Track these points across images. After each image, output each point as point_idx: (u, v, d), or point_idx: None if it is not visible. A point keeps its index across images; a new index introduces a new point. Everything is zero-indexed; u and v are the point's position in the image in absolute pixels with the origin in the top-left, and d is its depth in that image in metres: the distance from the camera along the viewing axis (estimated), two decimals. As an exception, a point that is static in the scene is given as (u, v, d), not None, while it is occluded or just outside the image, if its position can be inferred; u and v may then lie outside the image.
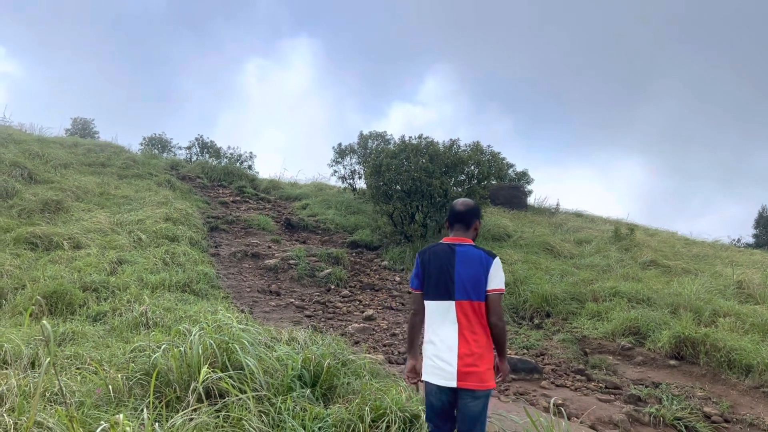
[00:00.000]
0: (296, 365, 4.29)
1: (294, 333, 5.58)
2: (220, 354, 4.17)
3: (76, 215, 11.45)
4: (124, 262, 9.02)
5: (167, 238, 10.68)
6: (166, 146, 23.35)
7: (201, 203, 15.19)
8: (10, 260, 8.56)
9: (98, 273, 8.23)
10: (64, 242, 9.63)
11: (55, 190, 12.82)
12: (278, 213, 16.39)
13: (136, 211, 12.18)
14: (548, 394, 6.28)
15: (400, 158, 13.33)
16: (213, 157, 22.04)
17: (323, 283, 10.77)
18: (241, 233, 13.46)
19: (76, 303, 7.16)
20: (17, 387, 4.04)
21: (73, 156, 16.73)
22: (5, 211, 11.27)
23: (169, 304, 7.27)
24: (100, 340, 5.94)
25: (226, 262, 11.09)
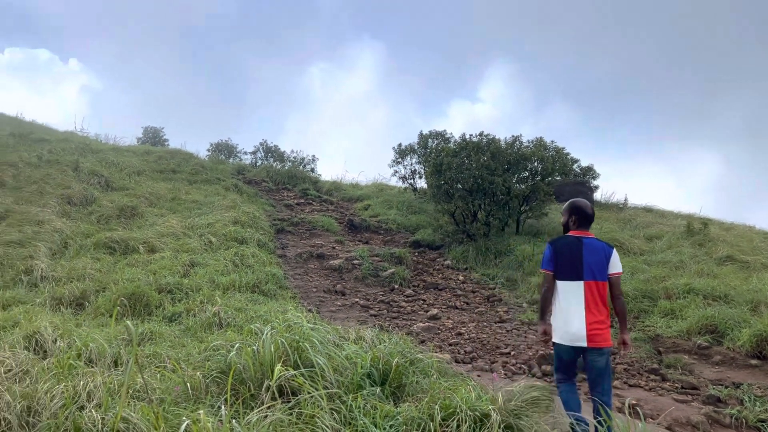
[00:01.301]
0: (365, 364, 4.34)
1: (361, 332, 5.64)
2: (292, 352, 4.27)
3: (150, 220, 11.97)
4: (196, 264, 9.36)
5: (236, 240, 11.01)
6: (232, 152, 24.03)
7: (267, 206, 15.56)
8: (91, 264, 9.03)
9: (172, 275, 8.57)
10: (139, 246, 10.08)
11: (130, 196, 13.44)
12: (341, 214, 16.60)
13: (206, 215, 12.61)
14: (621, 395, 6.11)
15: (461, 157, 13.25)
16: (277, 161, 22.51)
17: (387, 283, 10.84)
18: (306, 235, 13.71)
19: (153, 304, 7.48)
20: (103, 384, 4.27)
21: (145, 163, 17.48)
22: (85, 218, 11.90)
23: (239, 304, 7.50)
24: (176, 339, 6.19)
25: (293, 262, 11.33)
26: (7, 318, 6.12)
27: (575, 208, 4.45)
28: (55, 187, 13.16)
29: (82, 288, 7.79)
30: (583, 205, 4.46)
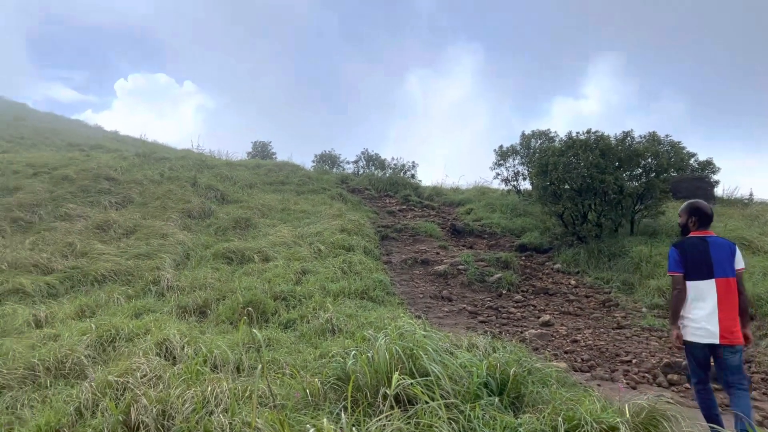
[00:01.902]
0: (481, 372, 4.26)
1: (473, 339, 5.56)
2: (406, 360, 4.27)
3: (263, 230, 12.49)
4: (308, 272, 9.64)
5: (343, 248, 11.24)
6: (335, 162, 24.70)
7: (370, 213, 15.80)
8: (211, 274, 9.53)
9: (286, 283, 8.87)
10: (254, 256, 10.53)
11: (244, 208, 14.11)
12: (443, 219, 16.53)
13: (314, 224, 12.99)
14: (760, 406, 5.61)
15: (567, 156, 12.78)
16: (378, 169, 22.87)
17: (494, 288, 10.64)
18: (409, 241, 13.77)
19: (269, 311, 7.77)
20: (228, 390, 4.47)
21: (256, 176, 18.31)
22: (204, 230, 12.62)
23: (350, 310, 7.63)
24: (292, 345, 6.39)
25: (398, 269, 11.40)
26: (139, 326, 6.58)
27: (694, 209, 4.57)
28: (176, 202, 14.06)
29: (204, 297, 8.23)
30: (702, 206, 4.57)
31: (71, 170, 16.27)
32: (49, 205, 13.50)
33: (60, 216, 12.92)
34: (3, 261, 9.77)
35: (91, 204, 13.88)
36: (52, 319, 7.37)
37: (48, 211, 13.15)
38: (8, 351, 5.71)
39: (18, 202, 13.44)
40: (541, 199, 13.59)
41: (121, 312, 7.68)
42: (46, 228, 11.96)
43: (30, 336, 6.43)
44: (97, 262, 9.96)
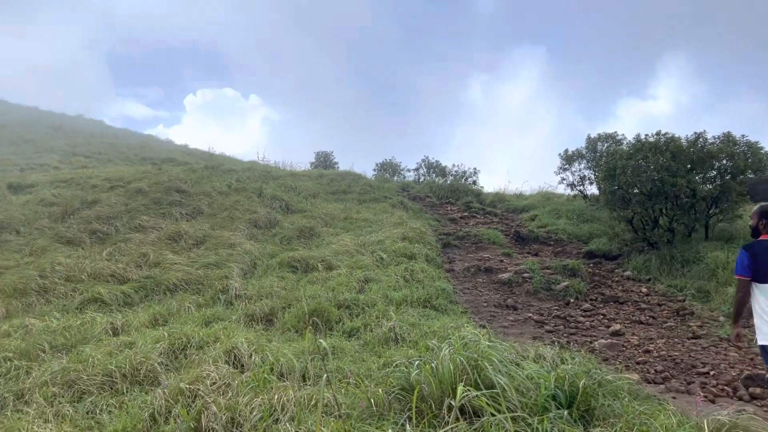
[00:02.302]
0: (549, 384, 4.15)
1: (540, 350, 5.43)
2: (471, 371, 4.22)
3: (326, 239, 12.66)
4: (370, 280, 9.69)
5: (405, 256, 11.24)
6: (396, 170, 24.80)
7: (432, 221, 15.75)
8: (277, 282, 9.72)
9: (349, 291, 8.94)
10: (318, 264, 10.68)
11: (308, 217, 14.35)
12: (506, 226, 16.28)
13: (376, 232, 13.07)
14: None
15: (636, 159, 12.35)
16: (439, 176, 22.80)
17: (561, 297, 10.38)
18: (472, 248, 13.63)
19: (333, 320, 7.84)
20: (294, 398, 4.54)
21: (319, 186, 18.60)
22: (270, 239, 12.91)
23: (413, 319, 7.61)
24: (356, 354, 6.43)
25: (461, 277, 11.30)
26: (209, 334, 6.77)
27: (765, 212, 4.72)
28: (243, 212, 14.46)
29: (270, 305, 8.40)
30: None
31: (144, 183, 17.01)
32: (124, 217, 14.14)
33: (134, 227, 13.51)
34: (83, 271, 10.29)
35: (163, 215, 14.45)
36: (127, 327, 7.68)
37: (123, 223, 13.77)
38: (88, 358, 5.99)
39: (96, 215, 14.15)
40: (608, 204, 13.19)
41: (191, 320, 7.93)
42: (121, 239, 12.53)
43: (107, 343, 6.73)
44: (169, 271, 10.33)
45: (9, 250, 12.30)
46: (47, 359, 6.33)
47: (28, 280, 9.76)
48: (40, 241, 12.59)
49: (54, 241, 12.66)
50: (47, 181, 19.51)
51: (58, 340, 6.99)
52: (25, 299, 9.27)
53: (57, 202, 15.86)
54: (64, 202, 15.61)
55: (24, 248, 12.34)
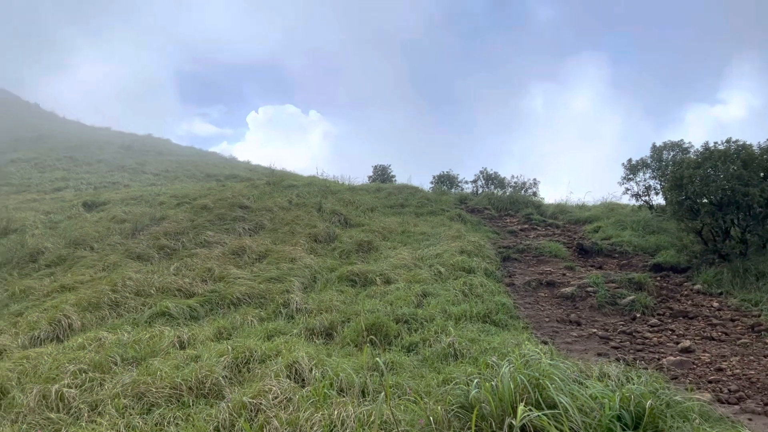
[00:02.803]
0: (613, 404, 4.02)
1: (605, 368, 5.28)
2: (532, 390, 4.14)
3: (384, 253, 12.72)
4: (428, 294, 9.66)
5: (464, 270, 11.15)
6: (453, 182, 24.67)
7: (491, 234, 15.57)
8: (336, 296, 9.84)
9: (407, 306, 8.94)
10: (376, 278, 10.74)
11: (366, 231, 14.46)
12: (568, 238, 15.91)
13: (433, 246, 13.03)
14: None
15: (704, 168, 11.86)
16: (497, 188, 22.54)
17: (626, 312, 10.04)
18: (533, 261, 13.39)
19: (392, 334, 7.85)
20: (354, 414, 4.57)
21: (377, 200, 18.73)
22: (329, 253, 13.08)
23: (472, 335, 7.53)
24: (415, 370, 6.42)
25: (522, 291, 11.11)
26: (271, 348, 6.91)
27: None
28: (303, 227, 14.72)
29: (330, 319, 8.50)
30: None
31: (209, 200, 17.58)
32: (190, 233, 14.65)
33: (200, 243, 13.97)
34: (152, 286, 10.71)
35: (227, 231, 14.88)
36: (193, 341, 7.93)
37: (189, 239, 14.26)
38: (156, 371, 6.22)
39: (164, 231, 14.72)
40: (676, 214, 12.70)
41: (254, 334, 8.11)
42: (188, 254, 12.97)
43: (175, 356, 6.97)
44: (233, 286, 10.62)
45: (84, 266, 12.95)
46: (119, 371, 6.61)
47: (101, 294, 10.23)
48: (112, 257, 13.19)
49: (125, 256, 13.24)
50: (119, 199, 20.46)
51: (129, 353, 7.29)
52: (99, 312, 9.72)
53: (128, 219, 16.59)
54: (134, 219, 16.32)
55: (97, 263, 12.95)
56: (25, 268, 13.60)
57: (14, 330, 9.24)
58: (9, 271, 13.37)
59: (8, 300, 11.45)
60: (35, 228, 17.26)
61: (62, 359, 7.05)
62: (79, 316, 9.39)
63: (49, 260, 13.87)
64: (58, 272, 12.98)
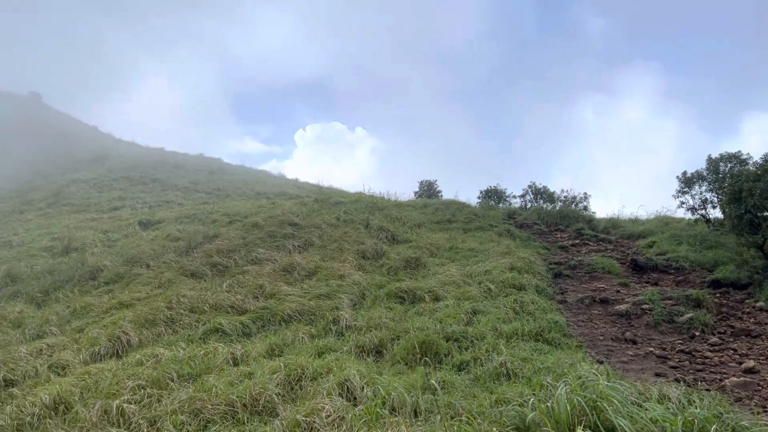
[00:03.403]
0: (676, 429, 3.89)
1: (664, 389, 5.11)
2: (590, 412, 4.05)
3: (432, 270, 12.68)
4: (478, 312, 9.57)
5: (514, 287, 11.01)
6: (501, 197, 24.43)
7: (541, 249, 15.33)
8: (385, 314, 9.84)
9: (457, 323, 8.87)
10: (425, 295, 10.71)
11: (413, 248, 14.46)
12: (621, 253, 15.52)
13: (482, 262, 12.92)
14: None
15: (765, 180, 11.43)
16: (547, 202, 22.20)
17: (685, 330, 9.70)
18: (585, 278, 13.11)
19: (442, 352, 7.80)
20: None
21: (424, 216, 18.72)
22: (377, 270, 13.12)
23: (524, 354, 7.41)
24: (466, 389, 6.35)
25: (574, 308, 10.88)
26: (322, 365, 6.96)
27: None
28: (351, 244, 14.82)
29: (379, 336, 8.51)
30: None
31: (260, 217, 17.91)
32: (242, 250, 14.94)
33: (251, 260, 14.23)
34: (205, 302, 10.96)
35: (277, 248, 15.12)
36: (246, 357, 8.06)
37: (241, 256, 14.55)
38: (211, 387, 6.35)
39: (217, 248, 15.06)
40: (735, 228, 12.25)
41: (305, 351, 8.19)
42: (239, 271, 13.23)
43: (229, 373, 7.10)
44: (284, 302, 10.76)
45: (140, 283, 13.35)
46: (175, 388, 6.78)
47: (157, 311, 10.52)
48: (166, 274, 13.57)
49: (179, 274, 13.60)
50: (173, 218, 21.06)
51: (185, 369, 7.46)
52: (155, 329, 9.99)
53: (182, 237, 17.05)
54: (188, 237, 16.76)
55: (153, 281, 13.34)
56: (85, 286, 14.11)
57: (76, 345, 9.59)
58: (71, 289, 13.90)
59: (70, 316, 11.89)
60: (94, 246, 17.93)
61: (121, 375, 7.28)
62: (136, 332, 9.68)
63: (108, 278, 14.36)
64: (116, 289, 13.42)
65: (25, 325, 11.51)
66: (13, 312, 12.48)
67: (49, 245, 19.39)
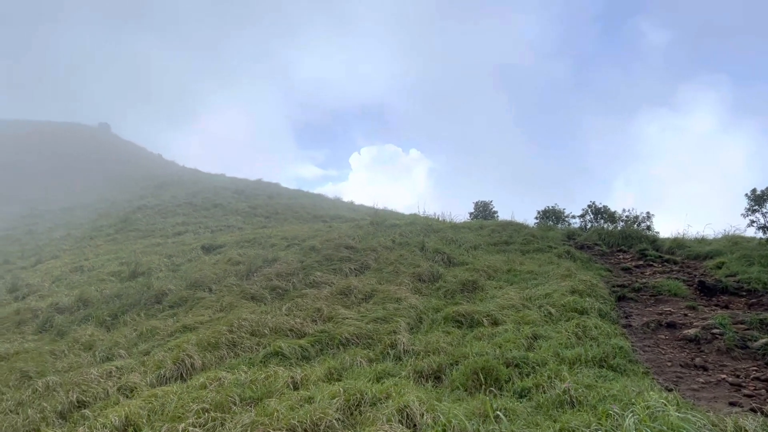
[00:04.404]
0: (755, 464, 3.69)
1: (740, 421, 4.86)
2: (660, 445, 3.89)
3: (490, 293, 12.51)
4: (539, 337, 9.37)
5: (576, 311, 10.73)
6: (559, 217, 24.01)
7: (603, 271, 14.92)
8: (443, 338, 9.77)
9: (517, 348, 8.71)
10: (483, 319, 10.57)
11: (470, 270, 14.32)
12: (688, 275, 14.91)
13: (542, 285, 12.66)
14: None
15: None
16: (607, 222, 21.66)
17: (760, 356, 9.20)
18: (650, 301, 12.65)
19: (502, 378, 7.66)
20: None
21: (480, 237, 18.55)
22: (434, 293, 13.05)
23: (588, 380, 7.19)
24: (529, 417, 6.21)
25: (640, 333, 10.51)
26: (381, 390, 6.96)
27: None
28: (407, 267, 14.82)
29: (438, 361, 8.44)
30: None
31: (317, 241, 18.16)
32: (300, 274, 15.17)
33: (309, 283, 14.42)
34: (265, 326, 11.15)
35: (334, 271, 15.27)
36: (306, 381, 8.14)
37: (299, 279, 14.77)
38: (273, 411, 6.44)
39: (276, 272, 15.34)
40: (812, 248, 11.62)
41: (363, 375, 8.20)
42: (298, 295, 13.42)
43: (289, 397, 7.18)
44: (342, 326, 10.83)
45: (203, 306, 13.73)
46: (238, 411, 6.90)
47: (219, 334, 10.77)
48: (228, 298, 13.90)
49: (240, 297, 13.91)
50: (233, 242, 21.62)
51: (247, 393, 7.59)
52: (218, 352, 10.23)
53: (242, 261, 17.46)
54: (248, 261, 17.15)
55: (215, 304, 13.69)
56: (151, 309, 14.61)
57: (143, 368, 9.92)
58: (137, 312, 14.42)
59: (137, 339, 12.32)
60: (160, 271, 18.58)
61: (186, 398, 7.47)
62: (200, 355, 9.93)
63: (172, 301, 14.83)
64: (180, 313, 13.84)
65: (95, 348, 12.00)
66: (84, 335, 13.03)
67: (117, 270, 20.21)
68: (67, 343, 12.71)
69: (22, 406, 9.14)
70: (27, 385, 10.15)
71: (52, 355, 11.99)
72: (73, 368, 10.82)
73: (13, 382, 10.59)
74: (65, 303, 16.33)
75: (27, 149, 73.50)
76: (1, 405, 9.33)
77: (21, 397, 9.57)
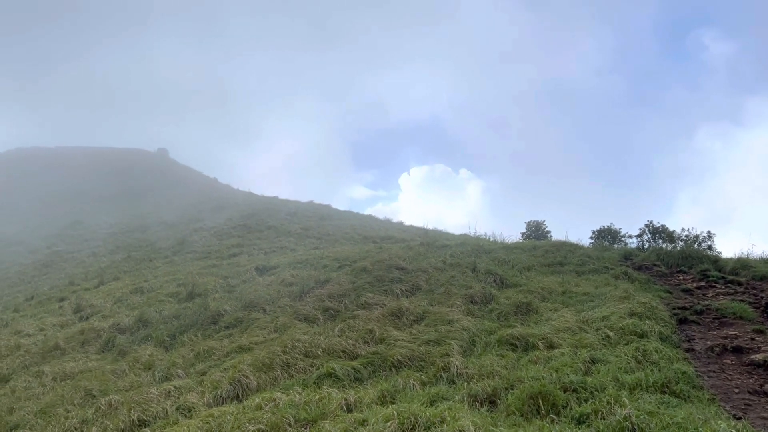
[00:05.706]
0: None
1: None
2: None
3: (544, 315, 12.28)
4: (597, 361, 9.11)
5: (635, 334, 10.40)
6: (615, 237, 23.47)
7: (662, 293, 14.42)
8: (497, 361, 9.62)
9: (574, 373, 8.48)
10: (538, 342, 10.36)
11: (524, 292, 14.10)
12: (754, 297, 14.24)
13: (598, 307, 12.34)
14: None
15: None
16: (666, 242, 21.02)
17: (837, 383, 8.69)
18: (714, 324, 12.14)
19: (559, 404, 7.47)
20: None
21: (533, 258, 18.26)
22: (486, 315, 12.89)
23: (650, 407, 6.95)
24: (589, 444, 6.03)
25: (704, 358, 10.09)
26: (435, 414, 6.89)
27: None
28: (459, 288, 14.71)
29: (492, 385, 8.30)
30: None
31: (368, 262, 18.24)
32: (351, 295, 15.25)
33: (360, 305, 14.47)
34: (318, 347, 11.24)
35: (385, 292, 15.28)
36: (359, 403, 8.15)
37: (351, 300, 14.84)
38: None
39: (328, 293, 15.48)
40: None
41: (417, 398, 8.15)
42: (350, 316, 13.48)
43: (343, 419, 7.19)
44: (393, 348, 10.81)
45: (257, 327, 13.95)
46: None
47: (274, 355, 10.91)
48: (281, 319, 14.09)
49: (293, 318, 14.07)
50: (286, 263, 21.95)
51: (301, 415, 7.66)
52: (272, 373, 10.36)
53: (295, 282, 17.70)
54: (301, 282, 17.37)
55: (269, 325, 13.89)
56: (207, 330, 14.94)
57: (200, 388, 10.13)
58: (194, 332, 14.77)
59: (194, 359, 12.60)
60: (215, 292, 19.01)
61: (243, 419, 7.58)
62: (255, 376, 10.08)
63: (228, 322, 15.13)
64: (235, 333, 14.10)
65: (154, 367, 12.34)
66: (144, 354, 13.43)
67: (174, 291, 20.79)
68: (127, 362, 13.12)
69: (86, 424, 9.46)
70: (91, 404, 10.51)
71: (114, 374, 12.40)
72: (134, 387, 11.15)
73: (78, 400, 10.98)
74: (126, 323, 16.89)
75: (93, 176, 77.06)
76: (67, 422, 9.67)
77: (85, 415, 9.91)
